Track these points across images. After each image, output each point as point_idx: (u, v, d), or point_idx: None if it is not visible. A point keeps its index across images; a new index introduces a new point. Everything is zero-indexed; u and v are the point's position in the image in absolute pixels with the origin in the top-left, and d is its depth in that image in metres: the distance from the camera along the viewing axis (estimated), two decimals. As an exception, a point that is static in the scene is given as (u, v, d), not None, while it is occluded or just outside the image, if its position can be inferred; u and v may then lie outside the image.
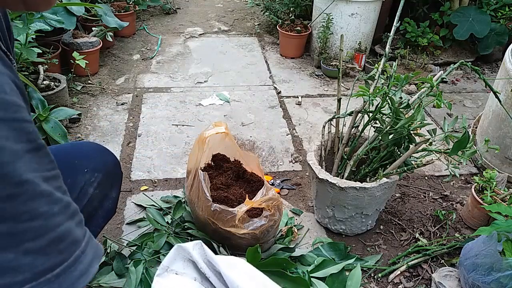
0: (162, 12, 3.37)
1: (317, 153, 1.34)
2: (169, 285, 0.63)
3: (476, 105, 2.26)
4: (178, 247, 0.67)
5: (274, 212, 1.12)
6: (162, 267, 0.65)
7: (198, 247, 0.67)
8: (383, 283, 1.21)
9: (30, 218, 0.33)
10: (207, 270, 0.65)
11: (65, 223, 0.36)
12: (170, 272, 0.65)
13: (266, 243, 1.21)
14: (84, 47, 2.20)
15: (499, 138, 1.57)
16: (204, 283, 0.65)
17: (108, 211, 0.94)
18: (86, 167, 0.86)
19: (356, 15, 2.36)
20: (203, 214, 1.15)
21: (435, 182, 1.64)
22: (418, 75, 1.11)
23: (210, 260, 0.65)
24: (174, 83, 2.32)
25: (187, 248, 0.66)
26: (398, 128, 1.12)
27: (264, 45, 2.87)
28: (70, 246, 0.36)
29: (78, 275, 0.35)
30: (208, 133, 1.22)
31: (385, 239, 1.36)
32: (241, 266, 0.66)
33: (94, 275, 0.36)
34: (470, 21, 2.44)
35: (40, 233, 0.33)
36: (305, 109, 2.12)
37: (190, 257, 0.66)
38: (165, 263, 0.65)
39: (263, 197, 1.11)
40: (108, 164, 0.92)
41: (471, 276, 1.06)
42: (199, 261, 0.65)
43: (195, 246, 0.66)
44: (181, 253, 0.66)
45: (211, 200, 1.12)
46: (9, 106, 0.33)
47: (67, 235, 0.36)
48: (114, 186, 0.96)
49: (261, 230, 1.10)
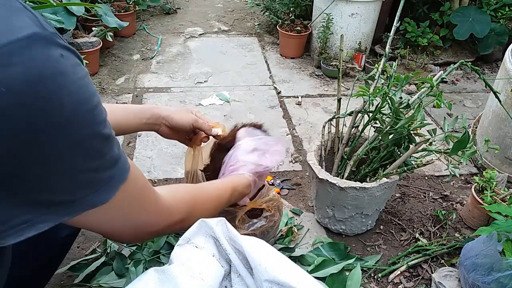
0: (162, 12, 3.37)
1: (317, 153, 1.34)
2: (188, 256, 0.63)
3: (476, 105, 2.26)
4: (201, 221, 0.67)
5: (274, 213, 1.12)
6: (184, 238, 0.66)
7: (221, 223, 0.67)
8: (383, 283, 1.21)
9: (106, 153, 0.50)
10: (228, 247, 0.65)
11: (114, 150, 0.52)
12: (191, 244, 0.65)
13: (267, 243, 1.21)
14: (84, 47, 2.20)
15: (499, 138, 1.57)
16: (221, 261, 0.66)
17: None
18: None
19: (356, 15, 2.36)
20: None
21: (435, 182, 1.64)
22: (418, 75, 1.11)
23: (232, 237, 0.65)
24: (174, 83, 2.32)
25: (210, 223, 0.66)
26: (398, 128, 1.12)
27: (264, 45, 2.87)
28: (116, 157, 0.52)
29: (128, 167, 0.54)
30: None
31: (385, 239, 1.36)
32: (263, 246, 0.66)
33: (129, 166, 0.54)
34: (470, 21, 2.44)
35: (113, 157, 0.51)
36: (305, 109, 2.12)
37: (212, 233, 0.66)
38: (187, 234, 0.66)
39: (263, 197, 1.11)
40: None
41: (471, 276, 1.06)
42: (221, 237, 0.65)
43: (219, 223, 0.67)
44: (204, 228, 0.67)
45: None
46: (93, 97, 0.46)
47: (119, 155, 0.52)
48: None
49: (261, 230, 1.10)
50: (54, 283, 1.14)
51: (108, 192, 0.51)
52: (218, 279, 0.63)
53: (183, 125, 0.99)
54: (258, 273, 0.60)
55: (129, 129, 0.95)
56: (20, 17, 0.40)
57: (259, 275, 0.60)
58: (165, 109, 0.98)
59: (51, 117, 0.40)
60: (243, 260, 0.64)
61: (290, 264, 0.66)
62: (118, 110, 0.93)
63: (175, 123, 0.98)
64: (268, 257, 0.63)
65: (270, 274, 0.60)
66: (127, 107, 0.96)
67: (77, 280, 1.12)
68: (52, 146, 0.41)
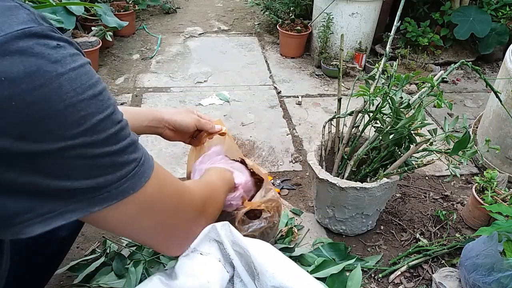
0: (162, 12, 3.36)
1: (317, 153, 1.33)
2: (193, 265, 0.63)
3: (476, 105, 2.26)
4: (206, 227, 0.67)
5: (273, 214, 1.12)
6: (190, 249, 0.65)
7: (225, 227, 0.66)
8: (384, 283, 1.21)
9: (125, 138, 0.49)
10: (231, 251, 0.64)
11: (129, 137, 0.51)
12: (195, 252, 0.65)
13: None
14: (83, 46, 2.19)
15: (500, 138, 1.56)
16: (226, 265, 0.65)
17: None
18: None
19: (356, 14, 2.36)
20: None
21: (435, 182, 1.63)
22: (418, 74, 1.11)
23: (236, 242, 0.65)
24: (174, 82, 2.32)
25: (215, 226, 0.66)
26: (399, 128, 1.11)
27: (264, 44, 2.87)
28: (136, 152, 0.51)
29: (143, 171, 0.51)
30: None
31: (385, 240, 1.36)
32: (270, 250, 0.65)
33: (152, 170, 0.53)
34: (470, 21, 2.44)
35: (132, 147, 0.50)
36: (305, 109, 2.12)
37: (217, 236, 0.66)
38: (193, 245, 0.65)
39: (262, 198, 1.11)
40: None
41: (471, 277, 1.05)
42: (224, 241, 0.65)
43: (223, 226, 0.66)
44: (208, 233, 0.66)
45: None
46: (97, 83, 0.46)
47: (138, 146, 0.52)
48: None
49: (260, 231, 1.10)
50: (54, 284, 1.13)
51: (137, 179, 0.50)
52: (224, 284, 0.62)
53: (186, 127, 0.99)
54: (265, 279, 0.60)
55: None
56: (17, 13, 0.41)
57: (266, 281, 0.60)
58: (167, 111, 0.98)
59: (53, 104, 0.40)
60: (245, 266, 0.64)
61: (298, 270, 0.65)
62: None
63: (178, 125, 0.97)
64: (275, 262, 0.62)
65: (277, 280, 0.59)
66: (127, 109, 0.95)
67: (76, 280, 1.12)
68: (56, 133, 0.41)
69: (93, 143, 0.44)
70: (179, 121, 0.97)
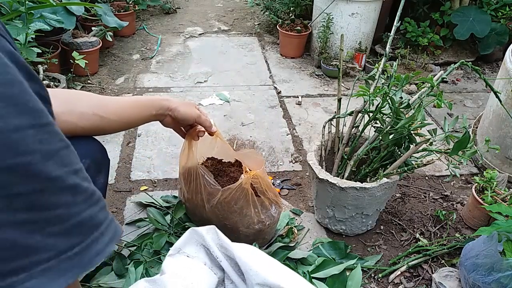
0: (162, 12, 3.37)
1: (317, 153, 1.33)
2: (179, 266, 0.63)
3: (476, 105, 2.26)
4: (192, 230, 0.67)
5: (279, 203, 1.21)
6: (175, 248, 0.66)
7: (212, 231, 0.67)
8: (384, 283, 1.21)
9: (55, 208, 0.36)
10: (219, 254, 0.65)
11: (88, 210, 0.39)
12: (182, 254, 0.66)
13: (266, 239, 1.21)
14: (83, 46, 2.20)
15: (500, 138, 1.56)
16: (214, 268, 0.66)
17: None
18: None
19: (356, 14, 2.36)
20: (209, 208, 1.14)
21: (435, 182, 1.63)
22: (418, 75, 1.11)
23: (223, 245, 0.66)
24: (174, 83, 2.32)
25: (200, 232, 0.67)
26: (399, 128, 1.11)
27: (264, 44, 2.87)
28: (90, 229, 0.39)
29: (95, 254, 0.39)
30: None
31: (385, 239, 1.36)
32: (254, 251, 0.66)
33: (110, 253, 0.43)
34: (470, 21, 2.44)
35: (63, 219, 0.37)
36: (305, 109, 2.12)
37: (203, 242, 0.66)
38: (178, 244, 0.66)
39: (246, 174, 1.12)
40: (94, 150, 0.95)
41: (471, 277, 1.06)
42: (211, 245, 0.65)
43: (209, 231, 0.67)
44: (194, 237, 0.67)
45: (220, 185, 1.12)
46: (37, 113, 0.35)
47: (88, 220, 0.39)
48: (102, 172, 0.99)
49: (273, 221, 1.16)
50: (54, 284, 1.13)
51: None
52: (212, 287, 0.63)
53: (187, 119, 1.04)
54: (250, 277, 0.60)
55: (138, 122, 1.00)
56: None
57: (251, 279, 0.60)
58: (174, 101, 1.03)
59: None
60: (235, 267, 0.64)
61: (281, 267, 0.66)
62: (127, 104, 0.96)
63: (180, 116, 1.03)
64: (259, 261, 0.63)
65: (260, 277, 0.60)
66: (137, 100, 1.01)
67: (76, 280, 1.12)
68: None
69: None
70: (183, 112, 1.03)
